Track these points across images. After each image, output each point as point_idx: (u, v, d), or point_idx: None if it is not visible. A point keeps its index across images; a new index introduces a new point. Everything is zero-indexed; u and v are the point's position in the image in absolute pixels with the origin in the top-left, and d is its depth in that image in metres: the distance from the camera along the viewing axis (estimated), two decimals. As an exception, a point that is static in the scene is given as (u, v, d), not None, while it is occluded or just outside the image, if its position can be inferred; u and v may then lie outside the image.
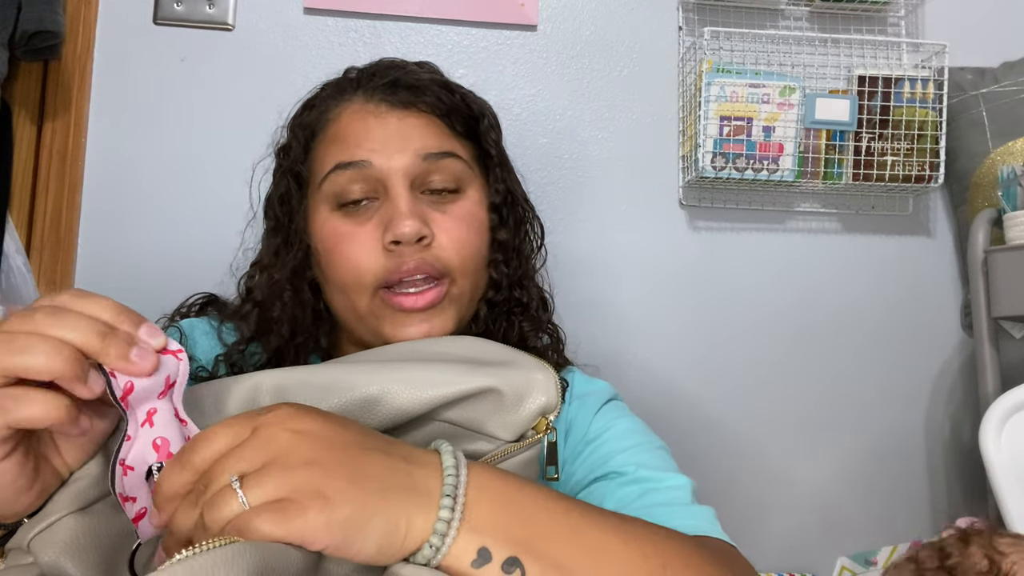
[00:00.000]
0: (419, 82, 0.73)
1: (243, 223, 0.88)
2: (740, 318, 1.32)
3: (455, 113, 0.74)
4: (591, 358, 1.27)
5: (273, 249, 0.76)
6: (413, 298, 0.67)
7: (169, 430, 0.43)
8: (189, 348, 0.72)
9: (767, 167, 1.24)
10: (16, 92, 1.19)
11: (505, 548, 0.42)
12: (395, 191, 0.68)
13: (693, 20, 1.33)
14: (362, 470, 0.41)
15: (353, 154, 0.69)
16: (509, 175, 0.79)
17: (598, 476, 0.66)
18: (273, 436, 0.41)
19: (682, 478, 0.65)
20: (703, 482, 0.67)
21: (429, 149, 0.70)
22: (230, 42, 1.25)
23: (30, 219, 1.19)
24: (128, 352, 0.42)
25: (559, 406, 0.55)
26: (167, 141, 1.23)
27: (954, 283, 1.37)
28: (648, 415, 0.73)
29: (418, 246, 0.68)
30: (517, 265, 0.76)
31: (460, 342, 0.62)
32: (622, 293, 1.30)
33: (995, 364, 1.20)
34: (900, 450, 1.34)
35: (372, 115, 0.71)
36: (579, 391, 0.76)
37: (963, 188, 1.33)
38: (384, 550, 0.41)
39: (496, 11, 1.30)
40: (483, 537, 0.42)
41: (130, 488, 0.43)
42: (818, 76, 1.31)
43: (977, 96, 1.31)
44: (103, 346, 0.41)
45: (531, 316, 0.76)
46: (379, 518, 0.40)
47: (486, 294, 0.75)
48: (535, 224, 0.82)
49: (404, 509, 0.41)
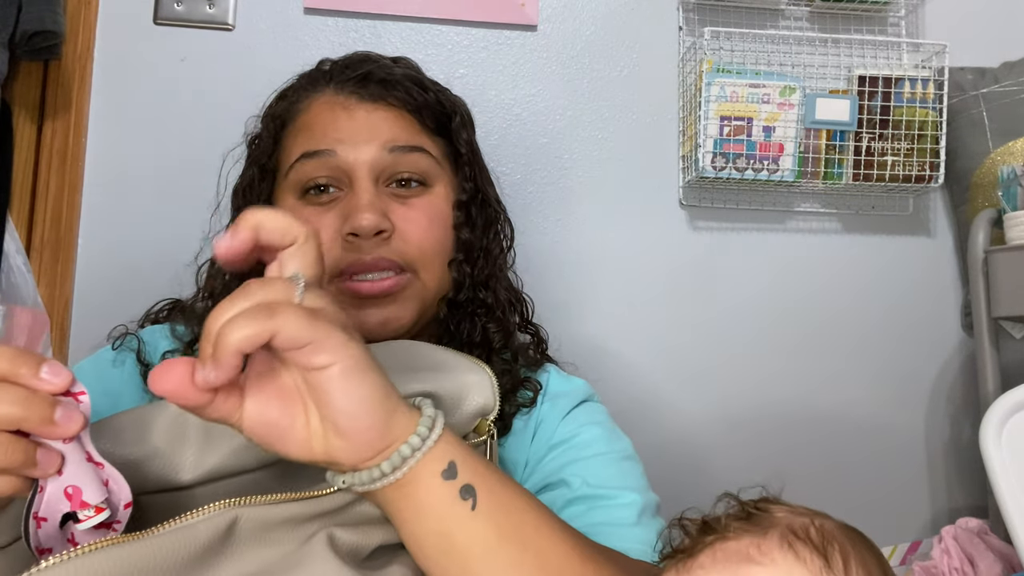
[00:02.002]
0: (391, 76, 0.72)
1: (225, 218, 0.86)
2: (740, 318, 1.32)
3: (426, 109, 0.73)
4: (590, 358, 1.27)
5: None
6: (370, 284, 0.67)
7: (81, 476, 0.42)
8: (147, 356, 0.71)
9: (767, 167, 1.24)
10: (16, 92, 1.19)
11: (467, 474, 0.45)
12: (359, 183, 0.68)
13: (693, 20, 1.33)
14: (379, 372, 0.44)
15: (319, 143, 0.69)
16: (481, 174, 0.78)
17: (550, 483, 0.67)
18: (321, 295, 0.44)
19: (633, 495, 0.65)
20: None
21: (396, 142, 0.70)
22: (230, 42, 1.25)
23: (30, 219, 1.19)
24: (52, 414, 0.39)
25: (496, 406, 0.56)
26: (167, 141, 1.23)
27: (954, 283, 1.37)
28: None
29: (377, 239, 0.67)
30: (483, 265, 0.75)
31: (395, 347, 0.61)
32: (622, 293, 1.30)
33: (995, 364, 1.20)
34: (900, 450, 1.35)
35: (341, 107, 0.71)
36: (553, 390, 0.75)
37: (963, 188, 1.33)
38: (374, 408, 0.43)
39: (496, 11, 1.30)
40: (455, 452, 0.45)
41: (45, 540, 0.42)
42: (818, 76, 1.31)
43: (977, 96, 1.31)
44: (25, 414, 0.39)
45: (496, 318, 0.75)
46: (380, 376, 0.43)
47: (447, 294, 0.73)
48: (505, 226, 0.81)
49: (395, 395, 0.44)
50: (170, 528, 0.42)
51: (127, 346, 0.71)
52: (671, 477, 1.28)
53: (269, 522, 0.44)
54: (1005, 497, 0.91)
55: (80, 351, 1.18)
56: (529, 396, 0.72)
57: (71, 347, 1.19)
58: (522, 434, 0.71)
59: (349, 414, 0.42)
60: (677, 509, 0.52)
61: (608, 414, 0.76)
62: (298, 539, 0.45)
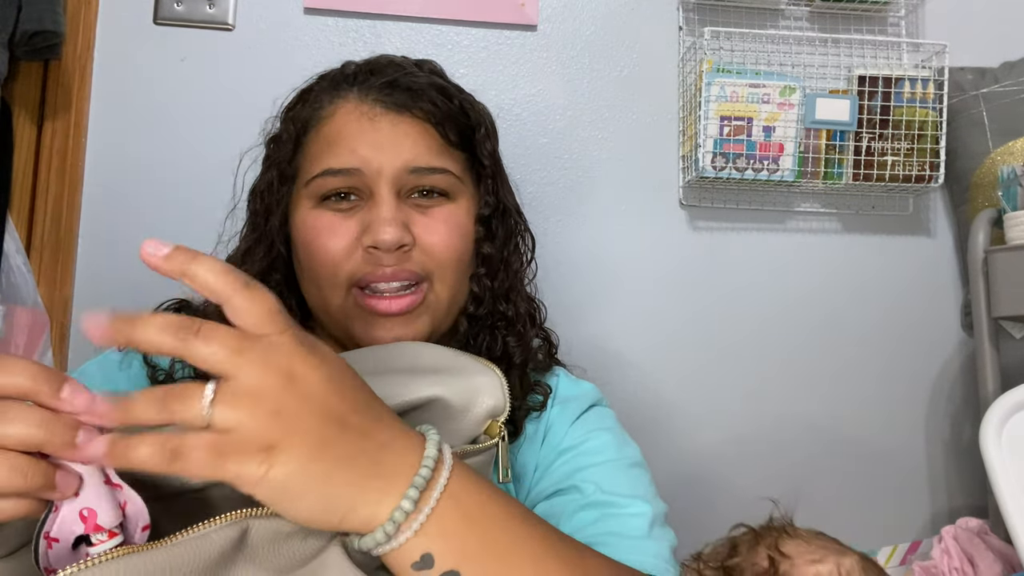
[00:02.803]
0: (416, 84, 0.72)
1: (240, 221, 0.85)
2: (740, 318, 1.32)
3: (450, 121, 0.72)
4: (590, 359, 1.27)
5: (247, 245, 0.75)
6: (388, 302, 0.67)
7: (97, 498, 0.41)
8: (153, 358, 0.70)
9: (767, 167, 1.24)
10: (16, 92, 1.19)
11: (450, 559, 0.43)
12: (380, 196, 0.68)
13: (693, 20, 1.33)
14: (326, 444, 0.40)
15: (344, 161, 0.68)
16: (503, 185, 0.77)
17: (561, 488, 0.67)
18: (269, 362, 0.39)
19: (644, 505, 0.64)
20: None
21: (419, 163, 0.69)
22: (230, 42, 1.25)
23: (30, 219, 1.19)
24: (74, 438, 0.38)
25: (507, 407, 0.55)
26: (167, 141, 1.23)
27: (954, 283, 1.37)
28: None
29: (397, 253, 0.67)
30: (504, 278, 0.75)
31: (404, 348, 0.61)
32: (622, 293, 1.30)
33: (995, 364, 1.20)
34: (900, 450, 1.35)
35: (366, 117, 0.70)
36: (563, 394, 0.75)
37: (963, 188, 1.33)
38: (314, 523, 0.41)
39: (496, 11, 1.30)
40: (431, 543, 0.42)
41: (56, 561, 0.41)
42: (818, 76, 1.31)
43: (977, 96, 1.31)
44: (47, 437, 0.38)
45: (516, 331, 0.74)
46: (318, 494, 0.40)
47: (466, 308, 0.73)
48: (526, 236, 0.80)
49: (350, 496, 0.41)
50: (184, 538, 0.41)
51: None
52: (670, 477, 1.28)
53: (280, 532, 0.44)
54: (1005, 497, 0.91)
55: (80, 351, 1.18)
56: (539, 400, 0.72)
57: (71, 347, 1.19)
58: (532, 438, 0.71)
59: (300, 523, 0.41)
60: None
61: (616, 419, 0.76)
62: (312, 548, 0.45)
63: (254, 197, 0.77)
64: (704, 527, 0.82)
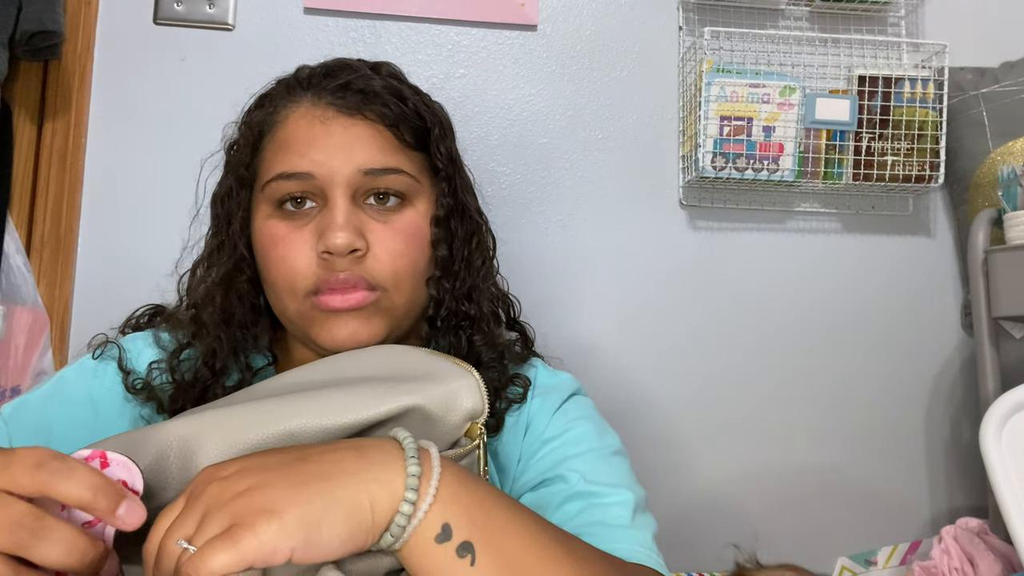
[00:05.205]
0: (370, 87, 0.71)
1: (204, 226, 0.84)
2: (740, 318, 1.32)
3: (404, 123, 0.71)
4: (590, 358, 1.27)
5: (211, 249, 0.75)
6: (340, 298, 0.66)
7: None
8: (130, 363, 0.71)
9: (767, 167, 1.24)
10: (16, 92, 1.19)
11: (464, 530, 0.45)
12: (334, 200, 0.67)
13: (693, 20, 1.33)
14: (303, 472, 0.42)
15: (296, 165, 0.68)
16: (461, 185, 0.77)
17: (546, 479, 0.68)
18: (202, 492, 0.42)
19: (626, 493, 0.66)
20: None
21: (372, 164, 0.69)
22: (230, 42, 1.25)
23: (30, 219, 1.19)
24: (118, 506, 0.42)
25: (485, 409, 0.56)
26: (167, 141, 1.23)
27: (954, 283, 1.37)
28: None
29: (350, 258, 0.67)
30: (466, 277, 0.75)
31: (381, 353, 0.61)
32: (622, 293, 1.30)
33: (995, 364, 1.19)
34: (900, 450, 1.34)
35: (319, 121, 0.70)
36: (542, 385, 0.76)
37: (963, 188, 1.33)
38: (355, 534, 0.42)
39: (496, 11, 1.30)
40: (446, 511, 0.45)
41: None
42: (818, 76, 1.31)
43: (977, 96, 1.31)
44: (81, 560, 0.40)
45: (481, 329, 0.74)
46: (334, 505, 0.41)
47: (426, 312, 0.73)
48: (487, 236, 0.80)
49: (362, 485, 0.43)
50: None
51: (108, 355, 0.71)
52: (665, 477, 1.28)
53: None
54: (1005, 497, 0.91)
55: (80, 351, 1.18)
56: (519, 392, 0.73)
57: (71, 347, 1.19)
58: (514, 430, 0.72)
59: (343, 545, 0.42)
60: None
61: (595, 408, 0.77)
62: (305, 569, 0.45)
63: (215, 202, 0.77)
64: (684, 517, 0.81)
